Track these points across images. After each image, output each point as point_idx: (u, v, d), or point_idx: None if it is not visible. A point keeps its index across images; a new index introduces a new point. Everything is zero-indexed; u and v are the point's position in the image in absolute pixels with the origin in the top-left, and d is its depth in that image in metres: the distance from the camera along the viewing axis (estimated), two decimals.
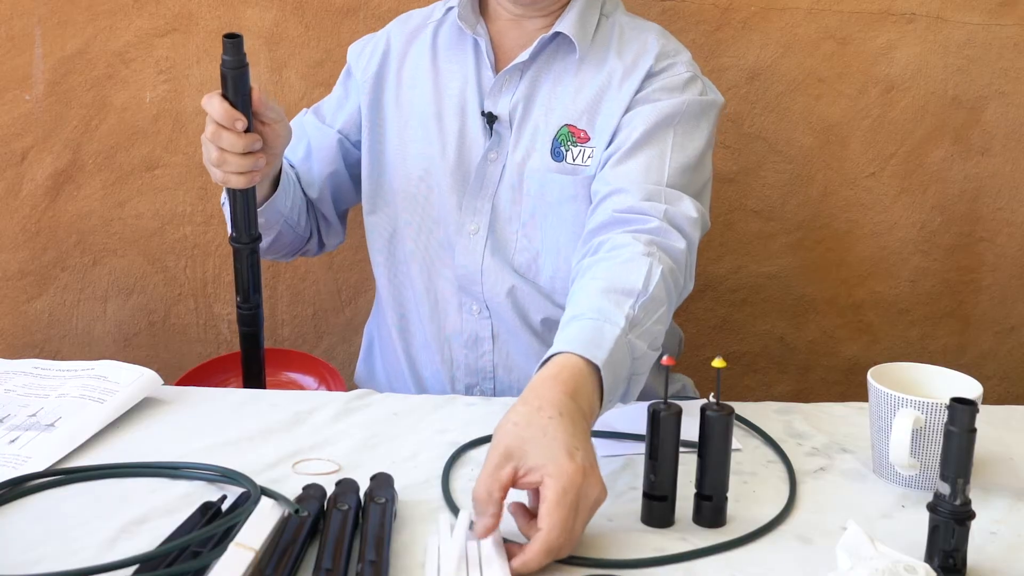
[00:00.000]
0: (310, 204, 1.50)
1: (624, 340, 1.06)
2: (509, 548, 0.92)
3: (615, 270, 1.15)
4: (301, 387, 1.60)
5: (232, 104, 1.23)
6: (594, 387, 1.02)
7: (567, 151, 1.36)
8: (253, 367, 1.43)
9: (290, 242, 1.49)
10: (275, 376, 1.60)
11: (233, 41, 1.22)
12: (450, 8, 1.45)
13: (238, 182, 1.27)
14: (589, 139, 1.36)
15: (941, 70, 1.83)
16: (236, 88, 1.23)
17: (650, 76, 1.36)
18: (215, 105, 1.22)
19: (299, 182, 1.48)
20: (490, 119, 1.39)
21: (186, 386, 1.53)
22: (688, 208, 1.26)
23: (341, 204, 1.54)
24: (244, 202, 1.32)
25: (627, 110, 1.35)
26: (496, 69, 1.41)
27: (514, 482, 0.93)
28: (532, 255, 1.40)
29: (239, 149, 1.24)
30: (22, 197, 1.86)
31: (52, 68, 1.82)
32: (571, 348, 1.03)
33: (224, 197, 1.42)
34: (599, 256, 1.20)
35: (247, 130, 1.24)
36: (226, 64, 1.22)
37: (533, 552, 0.89)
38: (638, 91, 1.35)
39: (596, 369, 1.02)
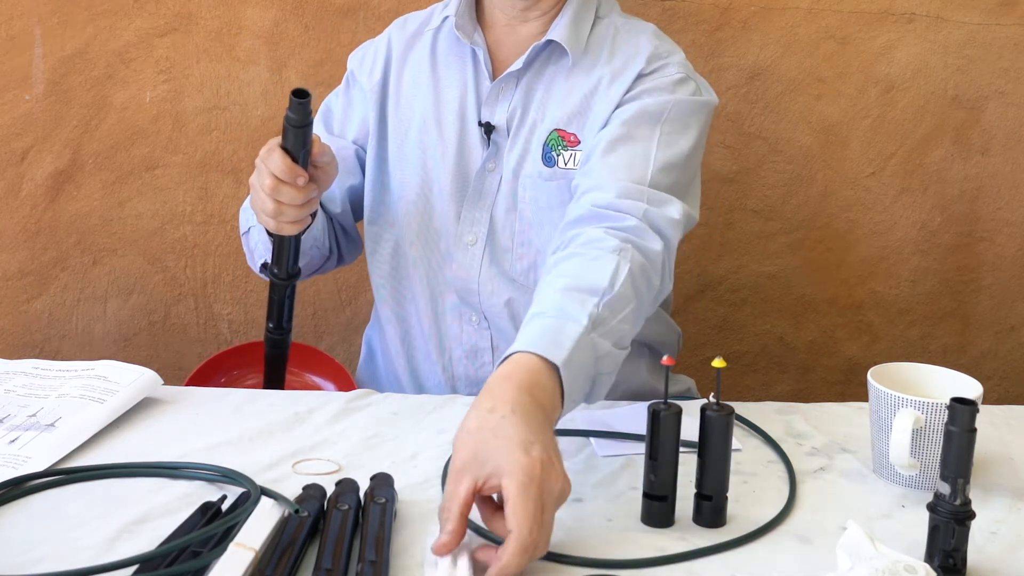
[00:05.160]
0: (330, 220, 1.48)
1: (587, 339, 1.03)
2: (487, 555, 0.90)
3: (582, 267, 1.13)
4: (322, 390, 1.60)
5: (292, 157, 1.21)
6: (554, 385, 0.98)
7: (558, 156, 1.35)
8: (273, 385, 1.44)
9: (315, 262, 1.48)
10: (299, 377, 1.60)
11: (301, 101, 1.19)
12: (447, 16, 1.42)
13: (292, 230, 1.27)
14: (579, 143, 1.35)
15: (941, 70, 1.83)
16: (298, 143, 1.21)
17: (640, 77, 1.34)
18: (276, 161, 1.20)
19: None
20: (487, 129, 1.38)
21: (202, 376, 1.55)
22: (671, 211, 1.23)
23: (359, 215, 1.52)
24: (291, 243, 1.32)
25: (616, 109, 1.33)
26: (493, 78, 1.39)
27: (477, 493, 0.90)
28: (530, 263, 1.38)
29: (299, 202, 1.23)
30: (22, 197, 1.86)
31: (52, 68, 1.82)
32: (529, 348, 0.99)
33: (244, 226, 1.42)
34: (569, 251, 1.17)
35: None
36: (291, 121, 1.19)
37: (509, 553, 0.86)
38: (627, 91, 1.33)
39: (555, 368, 0.99)
